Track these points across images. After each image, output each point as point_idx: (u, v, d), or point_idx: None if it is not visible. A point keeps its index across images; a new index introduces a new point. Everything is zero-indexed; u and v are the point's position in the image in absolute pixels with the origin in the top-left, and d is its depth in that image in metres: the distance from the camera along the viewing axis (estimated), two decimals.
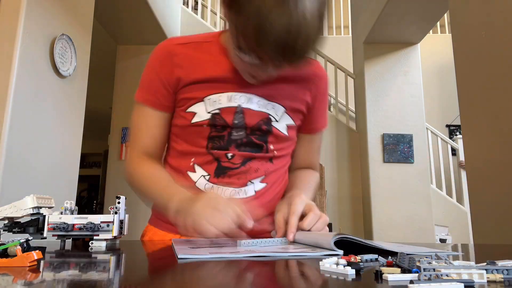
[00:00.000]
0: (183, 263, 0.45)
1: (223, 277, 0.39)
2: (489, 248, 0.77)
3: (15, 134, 1.94)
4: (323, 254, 0.51)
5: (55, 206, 0.67)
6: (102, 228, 0.64)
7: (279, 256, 0.51)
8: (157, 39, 4.33)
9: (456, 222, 4.45)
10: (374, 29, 4.04)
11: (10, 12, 1.99)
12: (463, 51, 1.94)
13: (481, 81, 1.79)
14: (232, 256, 0.49)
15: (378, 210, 4.14)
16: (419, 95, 4.36)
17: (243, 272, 0.42)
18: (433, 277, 0.31)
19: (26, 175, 2.02)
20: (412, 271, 0.33)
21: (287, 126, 0.86)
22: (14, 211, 0.61)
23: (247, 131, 0.83)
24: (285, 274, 0.42)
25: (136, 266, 0.50)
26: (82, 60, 2.55)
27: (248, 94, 0.82)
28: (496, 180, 1.69)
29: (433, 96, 5.88)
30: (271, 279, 0.39)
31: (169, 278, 0.39)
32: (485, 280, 0.31)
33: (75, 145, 2.50)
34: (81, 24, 2.56)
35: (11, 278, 0.36)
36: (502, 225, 1.64)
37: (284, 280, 0.39)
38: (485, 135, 1.78)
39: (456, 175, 4.75)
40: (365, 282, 0.35)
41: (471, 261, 0.38)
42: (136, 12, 3.82)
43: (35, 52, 2.10)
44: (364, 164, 4.39)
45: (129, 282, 0.38)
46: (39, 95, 2.14)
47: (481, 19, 1.79)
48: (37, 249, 0.45)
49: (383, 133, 4.27)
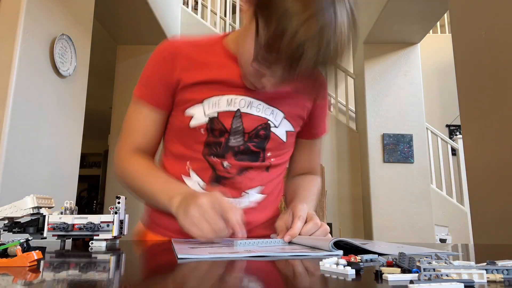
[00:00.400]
0: (182, 263, 0.45)
1: (223, 277, 0.39)
2: (489, 248, 0.77)
3: (15, 134, 1.94)
4: (323, 254, 0.51)
5: (55, 206, 0.67)
6: (102, 228, 0.64)
7: (278, 256, 0.51)
8: (157, 39, 4.33)
9: (456, 222, 4.45)
10: (374, 29, 4.04)
11: (10, 12, 1.99)
12: (463, 51, 1.94)
13: (481, 81, 1.79)
14: (231, 256, 0.49)
15: (378, 210, 4.14)
16: (419, 95, 4.36)
17: (243, 272, 0.42)
18: (433, 277, 0.31)
19: (26, 175, 2.02)
20: (412, 271, 0.33)
21: (286, 133, 0.85)
22: (14, 211, 0.61)
23: (245, 138, 0.81)
24: (285, 274, 0.42)
25: (136, 266, 0.50)
26: (82, 60, 2.55)
27: (249, 98, 0.80)
28: (496, 180, 1.69)
29: (433, 96, 5.88)
30: (271, 279, 0.39)
31: (169, 278, 0.39)
32: (485, 280, 0.31)
33: (75, 145, 2.50)
34: (81, 24, 2.56)
35: (11, 278, 0.36)
36: (502, 225, 1.64)
37: (285, 280, 0.39)
38: (485, 135, 1.78)
39: (456, 175, 4.75)
40: (365, 282, 0.35)
41: (471, 261, 0.38)
42: (136, 12, 3.82)
43: (35, 52, 2.10)
44: (364, 164, 4.40)
45: (129, 282, 0.38)
46: (39, 95, 2.14)
47: (481, 19, 1.79)
48: (37, 249, 0.45)
49: (383, 133, 4.27)
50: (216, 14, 5.55)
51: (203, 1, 5.42)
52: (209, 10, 5.38)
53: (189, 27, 4.95)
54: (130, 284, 0.36)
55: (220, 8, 5.55)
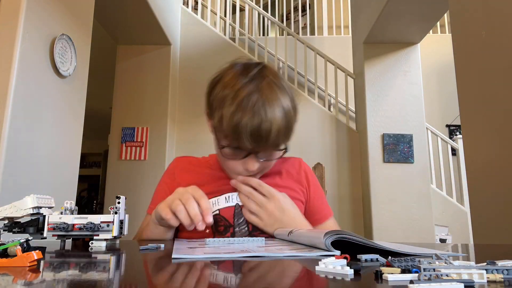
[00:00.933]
0: (177, 263, 0.45)
1: (217, 277, 0.39)
2: (489, 248, 0.77)
3: (15, 134, 1.94)
4: (320, 254, 0.51)
5: (55, 206, 0.67)
6: (102, 228, 0.64)
7: (275, 257, 0.50)
8: (157, 39, 4.34)
9: (456, 222, 4.45)
10: (374, 29, 4.03)
11: (10, 12, 1.99)
12: (463, 51, 1.94)
13: (481, 81, 1.79)
14: (227, 257, 0.49)
15: (378, 210, 4.14)
16: (419, 95, 4.36)
17: (239, 273, 0.42)
18: (433, 277, 0.31)
19: (26, 175, 2.02)
20: (412, 271, 0.33)
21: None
22: (14, 211, 0.61)
23: (249, 228, 0.85)
24: (283, 275, 0.41)
25: (136, 266, 0.50)
26: (82, 60, 2.55)
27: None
28: (496, 180, 1.69)
29: (433, 96, 5.88)
30: (268, 280, 0.39)
31: (163, 278, 0.39)
32: (485, 280, 0.31)
33: (75, 145, 2.50)
34: (81, 24, 2.56)
35: (11, 278, 0.36)
36: (502, 225, 1.64)
37: (282, 281, 0.39)
38: (485, 135, 1.78)
39: (456, 175, 4.75)
40: (365, 282, 0.35)
41: (471, 261, 0.38)
42: (136, 12, 3.82)
43: (35, 52, 2.10)
44: (364, 164, 4.39)
45: (129, 282, 0.38)
46: (39, 95, 2.14)
47: (481, 19, 1.79)
48: (37, 249, 0.45)
49: (383, 133, 4.27)
50: (216, 14, 5.56)
51: (203, 1, 5.42)
52: (209, 10, 5.38)
53: (189, 27, 4.95)
54: (130, 284, 0.36)
55: (220, 8, 5.55)
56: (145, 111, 4.34)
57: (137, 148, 4.27)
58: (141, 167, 4.23)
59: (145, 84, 4.35)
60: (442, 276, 0.31)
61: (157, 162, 4.24)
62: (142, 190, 4.09)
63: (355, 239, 0.53)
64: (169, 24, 4.45)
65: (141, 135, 4.29)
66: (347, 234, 0.53)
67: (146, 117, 4.33)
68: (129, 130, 4.30)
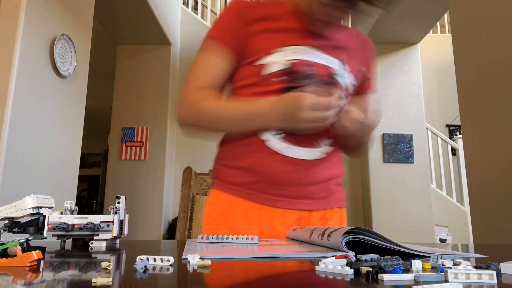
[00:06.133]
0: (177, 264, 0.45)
1: (222, 277, 0.39)
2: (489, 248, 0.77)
3: (15, 134, 1.94)
4: (331, 254, 0.49)
5: (55, 206, 0.67)
6: (102, 228, 0.64)
7: (284, 258, 0.50)
8: (157, 39, 4.34)
9: (456, 222, 4.45)
10: (374, 29, 4.04)
11: (10, 12, 1.99)
12: (463, 51, 1.94)
13: (481, 81, 1.79)
14: (234, 257, 0.49)
15: (378, 210, 4.14)
16: (419, 95, 4.36)
17: (240, 273, 0.42)
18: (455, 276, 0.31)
19: (26, 175, 2.02)
20: (440, 270, 0.35)
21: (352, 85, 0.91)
22: (14, 211, 0.61)
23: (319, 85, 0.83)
24: (283, 274, 0.42)
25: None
26: (82, 60, 2.55)
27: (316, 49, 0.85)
28: (496, 180, 1.69)
29: (433, 96, 5.88)
30: (268, 280, 0.39)
31: (168, 278, 0.39)
32: (485, 280, 0.32)
33: (75, 145, 2.50)
34: (81, 24, 2.56)
35: (11, 278, 0.36)
36: (502, 225, 1.64)
37: (282, 280, 0.39)
38: (485, 135, 1.78)
39: (456, 175, 4.75)
40: (364, 282, 0.35)
41: (471, 261, 0.38)
42: (136, 12, 3.82)
43: (35, 52, 2.10)
44: (364, 164, 4.39)
45: (129, 282, 0.38)
46: (39, 95, 2.14)
47: (481, 19, 1.79)
48: (37, 249, 0.45)
49: (383, 133, 4.27)
50: (216, 14, 5.55)
51: (203, 1, 5.42)
52: (209, 10, 5.38)
53: (189, 27, 4.95)
54: (130, 284, 0.36)
55: (220, 8, 5.55)
56: (145, 111, 4.34)
57: (137, 148, 4.27)
58: (141, 167, 4.23)
59: (145, 84, 4.35)
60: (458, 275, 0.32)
61: (157, 162, 4.24)
62: (142, 190, 4.09)
63: (372, 240, 0.50)
64: (169, 24, 4.45)
65: (141, 135, 4.29)
66: (364, 233, 0.51)
67: (146, 117, 4.33)
68: (129, 130, 4.30)
